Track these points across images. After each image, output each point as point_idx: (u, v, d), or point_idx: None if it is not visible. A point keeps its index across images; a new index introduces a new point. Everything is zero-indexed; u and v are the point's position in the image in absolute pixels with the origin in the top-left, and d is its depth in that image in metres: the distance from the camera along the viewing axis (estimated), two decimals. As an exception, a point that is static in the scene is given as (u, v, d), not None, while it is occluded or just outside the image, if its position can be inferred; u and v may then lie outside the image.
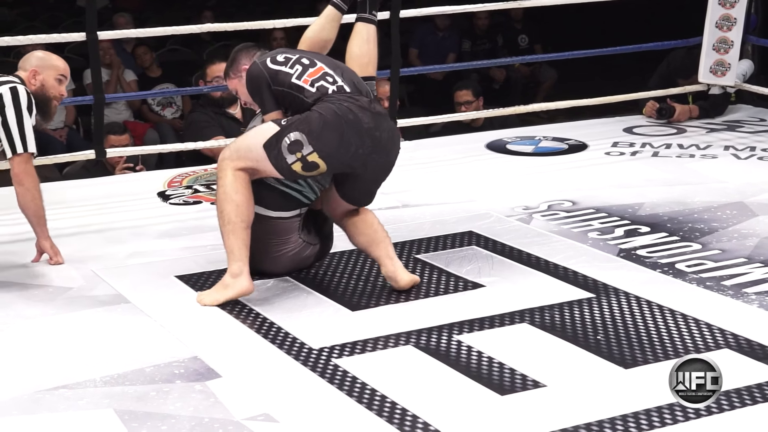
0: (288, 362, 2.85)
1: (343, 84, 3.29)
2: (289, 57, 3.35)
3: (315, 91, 3.27)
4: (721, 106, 5.76)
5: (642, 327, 3.01)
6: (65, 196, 4.49)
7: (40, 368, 2.84)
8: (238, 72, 3.45)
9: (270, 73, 3.32)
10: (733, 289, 3.29)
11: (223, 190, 3.22)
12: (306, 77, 3.29)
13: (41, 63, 3.62)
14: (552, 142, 5.33)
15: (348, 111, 3.22)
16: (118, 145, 5.15)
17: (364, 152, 3.24)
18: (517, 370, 2.75)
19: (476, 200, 4.32)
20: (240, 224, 3.20)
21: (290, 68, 3.31)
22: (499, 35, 8.86)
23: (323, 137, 3.18)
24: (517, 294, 3.29)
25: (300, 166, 3.20)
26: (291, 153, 3.18)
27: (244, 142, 3.28)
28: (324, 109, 3.22)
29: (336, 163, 3.23)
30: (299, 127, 3.19)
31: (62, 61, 3.68)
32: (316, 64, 3.34)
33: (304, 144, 3.17)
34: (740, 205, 4.15)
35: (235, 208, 3.20)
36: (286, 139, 3.18)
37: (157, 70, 7.56)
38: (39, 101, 3.58)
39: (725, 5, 5.51)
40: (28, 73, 3.60)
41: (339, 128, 3.19)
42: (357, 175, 3.30)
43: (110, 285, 3.44)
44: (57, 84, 3.63)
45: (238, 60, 3.46)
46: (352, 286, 3.40)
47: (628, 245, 3.73)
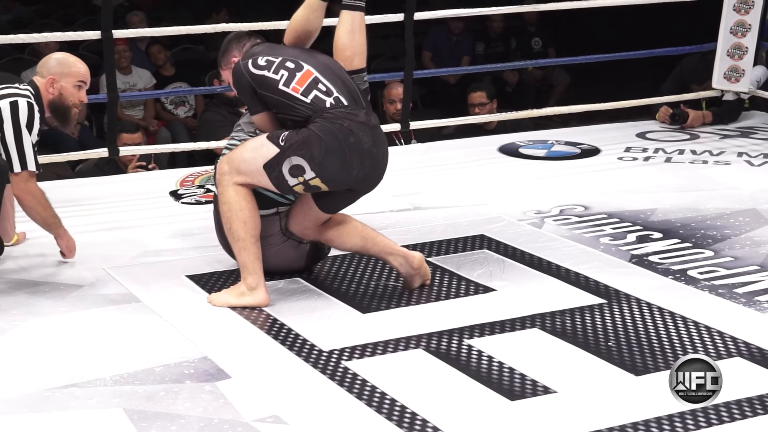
0: (298, 364, 2.85)
1: (339, 96, 3.21)
2: (271, 60, 3.25)
3: (310, 103, 3.19)
4: (734, 113, 5.74)
5: (653, 334, 3.00)
6: (77, 194, 4.50)
7: (51, 366, 2.84)
8: (228, 64, 3.41)
9: (254, 78, 3.24)
10: (746, 297, 3.28)
11: (228, 207, 3.21)
12: (295, 84, 3.21)
13: (59, 70, 3.51)
14: (565, 146, 5.32)
15: (349, 133, 3.16)
16: (130, 143, 5.16)
17: (364, 172, 3.23)
18: (528, 376, 2.74)
19: (488, 203, 4.31)
20: (250, 239, 3.20)
21: (274, 73, 3.23)
22: (513, 38, 8.86)
23: (325, 164, 3.15)
24: (529, 298, 3.28)
25: (302, 188, 3.21)
26: (293, 176, 3.17)
27: (243, 158, 3.22)
28: (324, 132, 3.15)
29: (338, 185, 3.23)
30: (300, 151, 3.14)
31: (82, 66, 3.57)
32: (303, 68, 3.24)
33: (306, 170, 3.15)
34: (753, 212, 4.13)
35: (242, 225, 3.19)
36: (288, 162, 3.15)
37: (170, 69, 7.58)
38: (58, 109, 3.51)
39: (740, 11, 5.49)
40: (46, 81, 3.50)
41: (341, 153, 3.16)
42: (351, 192, 3.29)
43: (121, 284, 3.44)
44: (76, 91, 3.53)
45: (229, 51, 3.43)
46: (363, 288, 3.40)
47: (640, 251, 3.72)
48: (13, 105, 3.38)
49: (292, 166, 3.15)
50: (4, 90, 3.46)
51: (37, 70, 3.58)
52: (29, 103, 3.42)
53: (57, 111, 3.52)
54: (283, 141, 3.17)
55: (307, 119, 3.19)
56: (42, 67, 3.55)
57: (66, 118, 3.55)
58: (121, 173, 5.05)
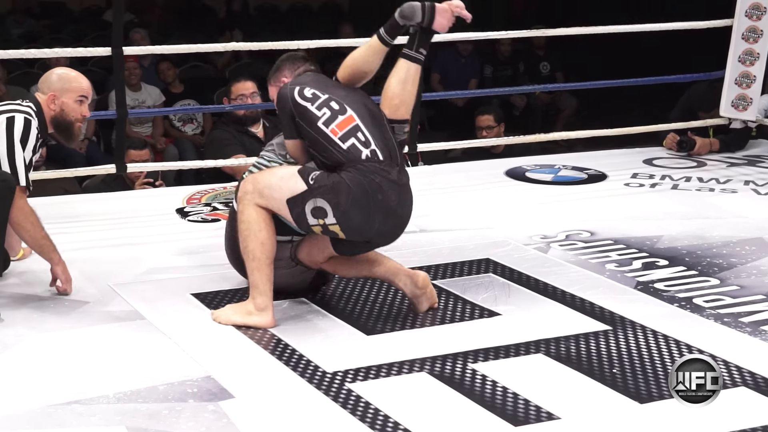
0: (301, 385, 2.84)
1: (376, 149, 3.20)
2: (318, 95, 3.25)
3: (346, 150, 3.19)
4: (741, 141, 5.76)
5: (658, 361, 2.99)
6: (84, 210, 4.51)
7: (54, 382, 2.84)
8: (277, 81, 3.44)
9: (296, 106, 3.25)
10: (751, 326, 3.27)
11: (247, 227, 3.20)
12: (334, 127, 3.21)
13: (60, 86, 3.50)
14: (571, 171, 5.33)
15: (378, 189, 3.16)
16: (138, 160, 5.18)
17: (385, 229, 3.25)
18: (532, 401, 2.73)
19: (494, 227, 4.31)
20: (265, 261, 3.20)
21: (317, 109, 3.23)
22: (521, 62, 8.89)
23: (349, 214, 3.16)
24: (533, 323, 3.28)
25: (320, 230, 3.21)
26: (314, 217, 3.17)
27: (269, 184, 3.22)
28: (354, 183, 3.15)
29: (355, 236, 3.24)
30: (326, 196, 3.15)
31: (83, 80, 3.57)
32: (346, 112, 3.24)
33: (328, 214, 3.16)
34: (760, 240, 4.13)
35: (260, 246, 3.19)
36: (312, 202, 3.16)
37: (179, 86, 7.61)
38: (60, 125, 3.50)
39: (749, 40, 5.51)
40: (47, 98, 3.49)
41: (366, 208, 3.17)
42: (366, 243, 3.30)
43: (126, 301, 3.45)
44: (78, 106, 3.52)
45: (281, 69, 3.46)
46: (367, 310, 3.40)
47: (646, 278, 3.71)
48: (9, 120, 3.37)
49: (316, 208, 3.16)
50: (3, 106, 3.47)
51: (39, 86, 3.56)
52: (26, 119, 3.40)
53: (59, 127, 3.51)
54: (313, 180, 3.18)
55: (339, 164, 3.20)
56: (43, 83, 3.54)
57: (69, 133, 3.54)
58: (128, 189, 5.05)
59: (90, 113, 3.67)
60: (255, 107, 5.22)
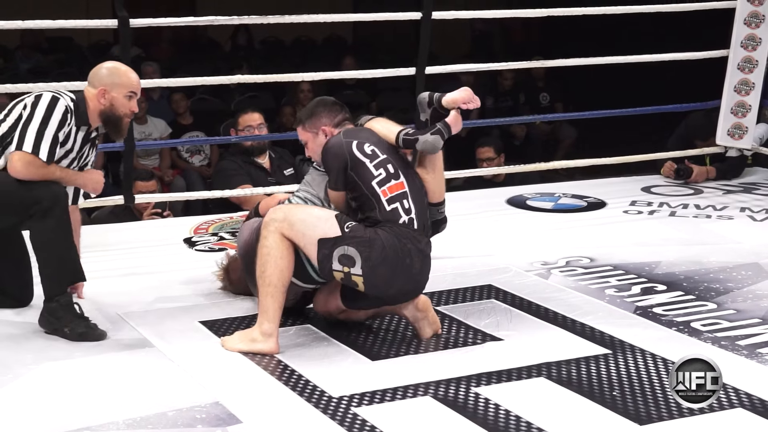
0: (308, 410, 2.89)
1: (414, 218, 3.33)
2: (377, 153, 3.35)
3: (388, 210, 3.30)
4: (737, 169, 5.82)
5: (657, 384, 3.04)
6: (93, 240, 4.54)
7: (65, 409, 2.88)
8: (315, 128, 3.44)
9: (353, 159, 3.32)
10: (748, 349, 3.32)
11: (268, 251, 3.24)
12: (386, 188, 3.32)
13: (110, 80, 3.48)
14: (571, 199, 5.39)
15: (407, 254, 3.28)
16: (145, 191, 5.23)
17: (402, 293, 3.35)
18: (534, 424, 2.78)
19: (496, 254, 4.37)
20: (281, 288, 3.25)
21: (375, 168, 3.33)
22: (521, 93, 8.97)
23: (376, 270, 3.24)
24: (535, 348, 3.33)
25: (341, 276, 3.27)
26: (339, 263, 3.24)
27: (303, 220, 3.27)
28: (389, 242, 3.25)
29: (374, 292, 3.31)
30: (359, 247, 3.23)
31: (133, 76, 3.54)
32: (399, 178, 3.35)
33: (356, 265, 3.23)
34: (755, 266, 4.18)
35: (279, 273, 3.24)
36: (342, 249, 3.23)
37: (188, 118, 7.69)
38: (109, 119, 3.49)
39: (744, 70, 5.59)
40: (97, 92, 3.46)
41: (393, 268, 3.26)
42: (378, 300, 3.37)
43: (135, 329, 3.50)
44: (127, 101, 3.49)
45: (318, 116, 3.45)
46: (372, 336, 3.45)
47: (645, 303, 3.77)
48: (37, 96, 3.40)
49: (345, 255, 3.23)
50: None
51: (89, 80, 3.53)
52: (54, 97, 3.41)
53: (108, 121, 3.49)
54: (348, 229, 3.25)
55: (375, 222, 3.29)
56: (93, 77, 3.51)
57: (117, 127, 3.52)
58: (136, 220, 5.10)
59: (138, 109, 3.63)
60: (262, 138, 5.29)
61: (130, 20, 4.50)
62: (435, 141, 3.41)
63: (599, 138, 7.99)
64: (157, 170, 6.95)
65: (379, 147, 3.38)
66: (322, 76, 5.25)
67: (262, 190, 4.87)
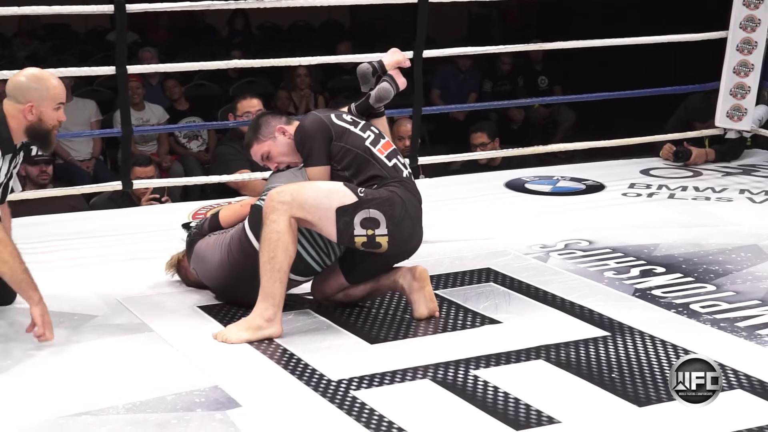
0: (307, 393, 2.90)
1: (410, 173, 3.43)
2: (357, 121, 3.43)
3: (391, 167, 3.35)
4: (736, 150, 5.81)
5: (656, 366, 3.04)
6: (92, 226, 4.57)
7: (65, 394, 2.89)
8: (270, 133, 3.44)
9: (336, 129, 3.35)
10: (747, 331, 3.32)
11: (278, 237, 3.21)
12: (380, 147, 3.38)
13: (38, 94, 3.27)
14: (570, 182, 5.39)
15: (418, 206, 3.37)
16: (143, 176, 5.23)
17: (414, 245, 3.40)
18: (533, 406, 2.78)
19: (494, 238, 4.37)
20: (287, 274, 3.25)
21: (361, 131, 3.38)
22: (520, 76, 8.95)
23: (401, 226, 3.28)
24: (534, 331, 3.33)
25: (362, 241, 3.26)
26: (362, 227, 3.24)
27: (310, 196, 3.25)
28: (406, 198, 3.31)
29: (396, 250, 3.34)
30: (381, 207, 3.25)
31: (59, 86, 3.33)
32: (385, 138, 3.44)
33: (381, 225, 3.25)
34: (755, 248, 4.19)
35: (287, 259, 3.23)
36: (364, 213, 3.23)
37: (184, 104, 7.69)
38: (38, 134, 3.31)
39: (743, 51, 5.58)
40: (24, 108, 3.26)
41: (413, 221, 3.33)
42: (384, 260, 3.38)
43: (134, 314, 3.50)
44: (55, 113, 3.31)
45: (266, 123, 3.45)
46: (371, 319, 3.46)
47: (644, 285, 3.77)
48: None
49: (367, 218, 3.24)
50: None
51: (9, 94, 3.29)
52: None
53: (37, 135, 3.32)
54: (362, 193, 3.27)
55: (383, 179, 3.32)
56: (16, 90, 3.28)
57: (46, 140, 3.35)
58: (134, 206, 5.11)
59: (65, 119, 3.43)
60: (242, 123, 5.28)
61: (126, 5, 4.49)
62: (385, 86, 3.54)
63: (598, 121, 8.00)
64: (155, 156, 6.96)
65: (355, 116, 3.45)
66: (319, 61, 5.23)
67: (260, 174, 4.87)
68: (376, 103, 3.54)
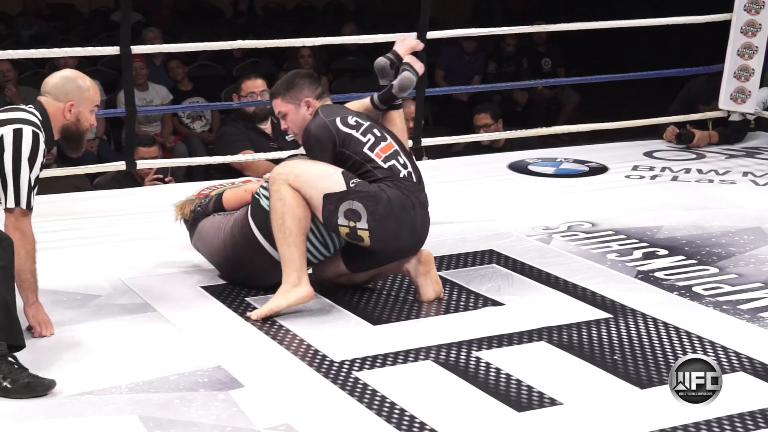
0: (310, 374, 2.91)
1: (412, 172, 3.40)
2: (360, 122, 3.39)
3: (386, 168, 3.34)
4: (740, 133, 5.80)
5: (658, 348, 3.05)
6: (96, 206, 4.58)
7: (68, 373, 2.90)
8: (297, 99, 3.41)
9: (340, 135, 3.34)
10: (749, 313, 3.33)
11: (282, 204, 3.25)
12: (378, 151, 3.36)
13: (79, 95, 3.23)
14: (573, 164, 5.38)
15: (411, 207, 3.32)
16: (147, 156, 5.22)
17: (406, 246, 3.37)
18: (535, 388, 2.79)
19: (497, 219, 4.37)
20: (301, 236, 3.26)
21: (362, 135, 3.36)
22: (525, 58, 8.92)
23: (383, 224, 3.27)
24: (536, 312, 3.34)
25: (346, 232, 3.28)
26: (345, 218, 3.25)
27: (305, 174, 3.28)
28: (394, 197, 3.29)
29: (379, 247, 3.33)
30: (364, 201, 3.25)
31: (96, 90, 3.35)
32: (387, 139, 3.41)
33: (362, 219, 3.25)
34: (758, 230, 4.19)
35: (297, 222, 3.25)
36: (347, 204, 3.25)
37: (188, 84, 7.67)
38: (72, 135, 3.26)
39: (747, 34, 5.56)
40: (64, 106, 3.21)
41: (399, 222, 3.30)
42: (382, 257, 3.38)
43: (138, 294, 3.51)
44: (90, 116, 3.29)
45: (299, 87, 3.42)
46: (374, 301, 3.46)
47: (646, 267, 3.77)
48: (17, 133, 3.07)
49: (350, 210, 3.25)
50: (9, 114, 3.16)
51: (49, 92, 3.24)
52: (34, 134, 3.10)
53: (71, 136, 3.27)
54: (353, 184, 3.27)
55: (378, 180, 3.31)
56: (57, 89, 3.24)
57: (78, 143, 3.30)
58: (138, 186, 5.11)
59: (96, 122, 3.44)
60: (264, 104, 5.27)
61: (130, -14, 4.48)
62: (407, 75, 3.54)
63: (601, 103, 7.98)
64: (158, 136, 6.95)
65: (360, 117, 3.43)
66: (323, 42, 5.22)
67: (263, 155, 4.87)
68: (399, 93, 3.54)
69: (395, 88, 3.53)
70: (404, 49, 3.64)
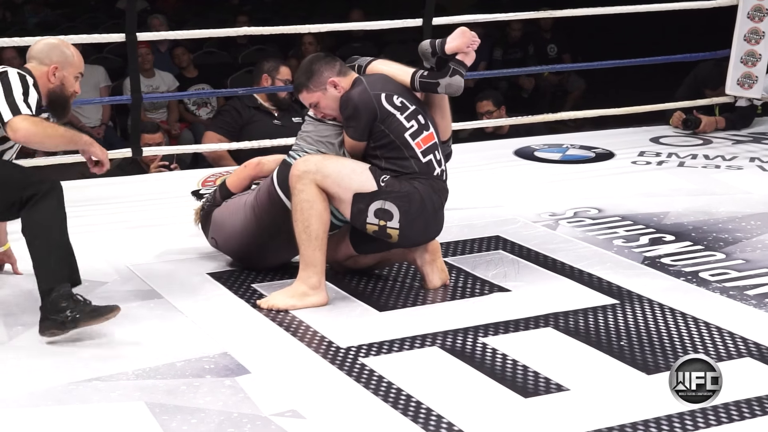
0: (316, 360, 2.91)
1: (444, 170, 3.38)
2: (406, 105, 3.30)
3: (424, 163, 3.30)
4: (747, 118, 5.79)
5: (665, 334, 3.05)
6: (101, 193, 4.58)
7: (74, 360, 2.90)
8: (321, 84, 3.32)
9: (383, 112, 3.27)
10: (756, 299, 3.32)
11: (310, 205, 3.21)
12: (420, 140, 3.30)
13: (63, 59, 3.25)
14: (579, 150, 5.38)
15: (440, 206, 3.34)
16: (151, 143, 5.22)
17: (428, 238, 3.37)
18: (541, 374, 2.79)
19: (504, 205, 4.37)
20: (325, 240, 3.25)
21: (406, 119, 3.29)
22: (531, 44, 8.90)
23: (414, 224, 3.26)
24: (542, 298, 3.34)
25: (374, 229, 3.26)
26: (376, 217, 3.24)
27: (334, 174, 3.23)
28: (427, 196, 3.27)
29: (406, 243, 3.33)
30: (398, 201, 3.23)
31: (80, 57, 3.33)
32: (429, 129, 3.34)
33: (394, 218, 3.23)
34: (765, 216, 4.17)
35: (323, 225, 3.23)
36: (380, 203, 3.22)
37: (193, 71, 7.67)
38: (58, 99, 3.27)
39: (754, 19, 5.54)
40: (48, 69, 3.23)
41: (428, 221, 3.31)
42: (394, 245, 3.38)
43: (144, 281, 3.51)
44: (74, 82, 3.29)
45: (319, 72, 3.33)
46: (380, 287, 3.46)
47: (653, 253, 3.77)
48: (2, 74, 3.12)
49: (382, 210, 3.23)
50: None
51: (34, 56, 3.27)
52: (20, 74, 3.14)
53: (57, 101, 3.27)
54: (384, 183, 3.25)
55: (408, 174, 3.28)
56: (41, 53, 3.26)
57: (64, 107, 3.30)
58: (143, 173, 5.11)
59: (80, 91, 3.40)
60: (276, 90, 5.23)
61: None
62: (457, 81, 3.38)
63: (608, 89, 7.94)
64: (164, 123, 6.96)
65: (406, 97, 3.33)
66: (329, 28, 5.22)
67: (269, 143, 4.85)
68: (443, 92, 3.40)
69: (441, 87, 3.37)
70: (454, 46, 3.40)
